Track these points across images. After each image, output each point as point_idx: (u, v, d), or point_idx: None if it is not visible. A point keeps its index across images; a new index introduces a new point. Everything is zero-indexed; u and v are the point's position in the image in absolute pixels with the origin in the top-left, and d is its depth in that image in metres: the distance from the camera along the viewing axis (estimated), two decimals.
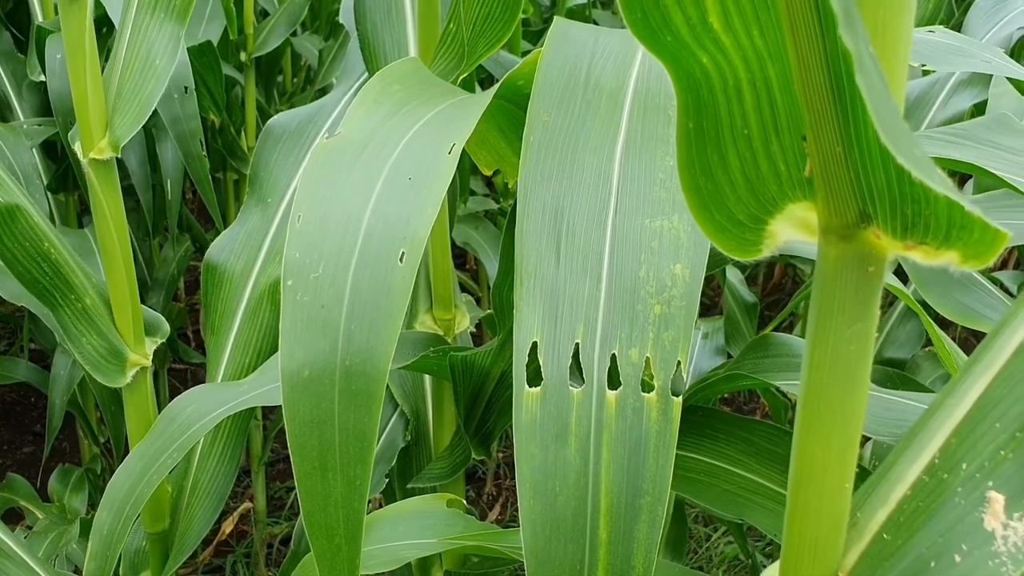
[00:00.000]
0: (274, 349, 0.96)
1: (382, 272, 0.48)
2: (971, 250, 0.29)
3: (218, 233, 1.01)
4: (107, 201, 0.80)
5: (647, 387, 0.50)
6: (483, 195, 2.49)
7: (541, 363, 0.51)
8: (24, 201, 0.80)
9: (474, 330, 1.12)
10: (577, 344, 0.51)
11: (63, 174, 1.83)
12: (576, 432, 0.50)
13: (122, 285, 0.82)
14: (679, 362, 0.50)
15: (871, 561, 0.36)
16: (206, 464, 0.95)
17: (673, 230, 0.52)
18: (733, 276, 1.75)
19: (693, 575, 0.80)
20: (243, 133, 2.11)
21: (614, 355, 0.51)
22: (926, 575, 0.34)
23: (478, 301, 2.44)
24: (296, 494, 0.49)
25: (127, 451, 2.20)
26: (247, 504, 2.27)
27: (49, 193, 1.75)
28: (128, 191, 2.00)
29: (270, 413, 2.40)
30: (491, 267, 2.03)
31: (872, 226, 0.31)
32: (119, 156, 0.79)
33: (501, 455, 2.49)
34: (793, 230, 0.33)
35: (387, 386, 1.26)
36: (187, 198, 2.99)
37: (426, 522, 0.77)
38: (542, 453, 0.50)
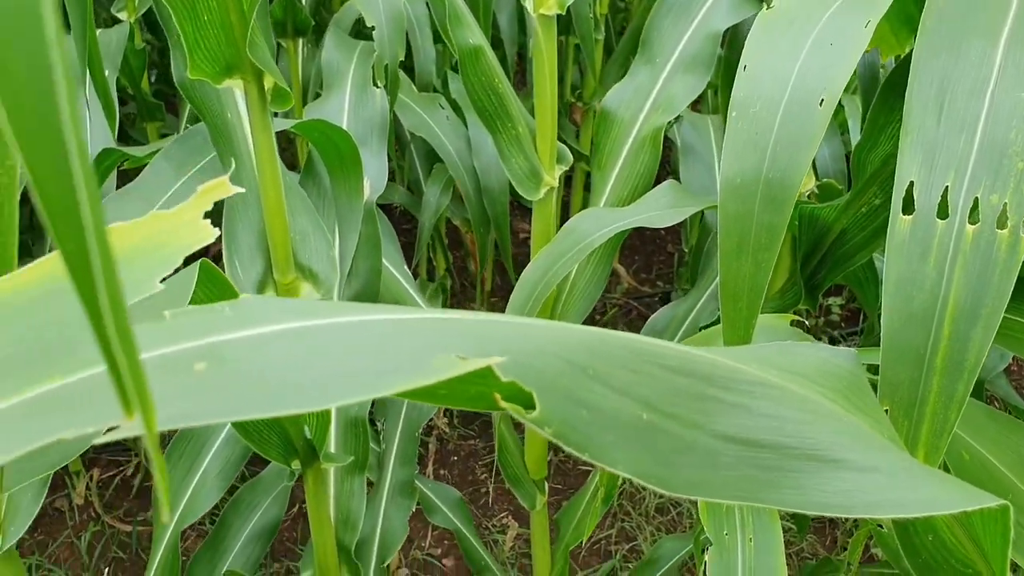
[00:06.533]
0: (648, 187, 1.16)
1: (804, 112, 0.64)
2: None
3: None
4: (546, 50, 1.00)
5: (1001, 226, 0.64)
6: None
7: (915, 197, 0.66)
8: (485, 44, 1.02)
9: None
10: (947, 187, 0.66)
11: None
12: (936, 253, 0.65)
13: (547, 121, 1.04)
14: None
15: None
16: (583, 273, 1.17)
17: None
18: None
19: (1001, 416, 0.93)
20: None
21: (976, 198, 0.65)
22: None
23: None
24: None
25: (494, 265, 2.53)
26: None
27: None
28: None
29: None
30: None
31: None
32: (561, 13, 0.99)
33: None
34: None
35: None
36: None
37: (774, 335, 0.94)
38: (906, 266, 0.66)
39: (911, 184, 0.66)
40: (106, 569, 1.99)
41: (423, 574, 1.97)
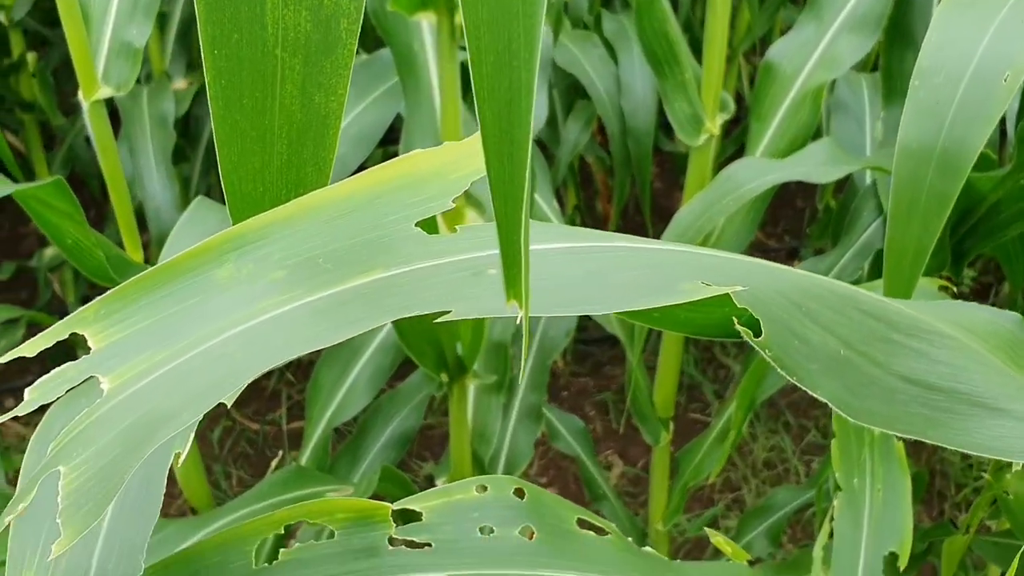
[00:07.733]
0: (805, 142, 1.18)
1: (988, 87, 0.67)
2: None
3: None
4: (719, 5, 1.04)
5: None
6: None
7: None
8: None
9: None
10: None
11: None
12: None
13: (714, 70, 1.08)
14: None
15: None
16: (733, 221, 1.22)
17: None
18: None
19: None
20: None
21: None
22: None
23: None
24: None
25: (631, 206, 2.55)
26: None
27: None
28: None
29: None
30: None
31: None
32: None
33: None
34: None
35: None
36: None
37: (923, 295, 0.97)
38: None
39: None
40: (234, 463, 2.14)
41: None
